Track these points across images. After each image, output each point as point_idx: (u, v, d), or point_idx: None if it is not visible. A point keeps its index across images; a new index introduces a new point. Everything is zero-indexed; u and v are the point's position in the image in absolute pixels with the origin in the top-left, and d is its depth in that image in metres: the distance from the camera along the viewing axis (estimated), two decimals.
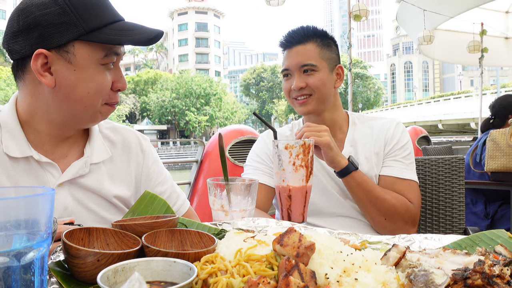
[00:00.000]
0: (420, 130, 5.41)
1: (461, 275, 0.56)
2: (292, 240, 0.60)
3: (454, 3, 7.36)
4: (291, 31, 1.52)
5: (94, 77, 0.99)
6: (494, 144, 2.70)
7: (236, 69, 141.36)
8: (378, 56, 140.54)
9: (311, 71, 1.45)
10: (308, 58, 1.45)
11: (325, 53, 1.48)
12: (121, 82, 1.05)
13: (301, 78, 1.46)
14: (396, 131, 1.50)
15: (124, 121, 43.64)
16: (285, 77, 1.53)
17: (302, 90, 1.46)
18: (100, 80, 1.00)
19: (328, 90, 1.48)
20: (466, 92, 37.14)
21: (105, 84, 1.01)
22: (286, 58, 1.50)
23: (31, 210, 0.50)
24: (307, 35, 1.48)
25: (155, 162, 1.25)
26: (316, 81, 1.45)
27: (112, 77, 1.03)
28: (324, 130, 1.28)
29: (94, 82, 0.99)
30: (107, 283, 0.54)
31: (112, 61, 1.02)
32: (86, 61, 0.97)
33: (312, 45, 1.47)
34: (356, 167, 1.31)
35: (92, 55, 0.98)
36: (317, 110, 1.49)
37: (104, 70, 1.01)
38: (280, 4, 5.82)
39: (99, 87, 1.00)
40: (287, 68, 1.50)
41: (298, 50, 1.47)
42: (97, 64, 0.99)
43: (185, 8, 73.96)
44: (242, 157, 2.97)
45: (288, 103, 29.31)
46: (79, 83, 0.98)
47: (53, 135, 1.06)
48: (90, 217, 1.09)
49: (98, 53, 0.98)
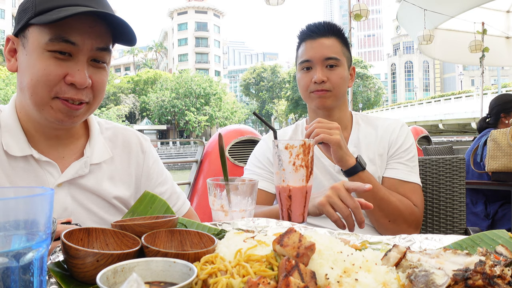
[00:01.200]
0: (421, 130, 5.40)
1: (462, 276, 0.56)
2: (292, 240, 0.60)
3: (454, 3, 7.36)
4: (314, 23, 1.49)
5: (37, 63, 0.94)
6: (495, 144, 2.70)
7: (236, 69, 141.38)
8: (378, 55, 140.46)
9: (334, 66, 1.43)
10: (332, 52, 1.43)
11: (345, 51, 1.48)
12: (76, 76, 0.95)
13: (324, 72, 1.43)
14: (401, 133, 1.49)
15: (124, 121, 43.63)
16: (303, 69, 1.48)
17: (322, 85, 1.43)
18: (42, 67, 0.94)
19: (345, 87, 1.48)
20: (467, 92, 37.13)
21: (47, 72, 0.94)
22: (308, 49, 1.46)
23: (30, 210, 0.50)
24: (332, 30, 1.46)
25: (155, 162, 1.25)
26: (338, 77, 1.43)
27: (65, 68, 0.95)
28: (335, 127, 1.27)
29: (36, 68, 0.94)
30: (106, 284, 0.54)
31: (60, 48, 0.94)
32: (33, 46, 0.95)
33: (335, 40, 1.46)
34: (363, 167, 1.30)
35: (38, 40, 0.95)
36: (332, 106, 1.48)
37: (50, 57, 0.94)
38: (279, 3, 5.82)
39: (40, 74, 0.94)
40: (308, 60, 1.45)
41: (322, 42, 1.44)
42: (42, 50, 0.94)
43: (185, 8, 73.94)
44: (242, 157, 2.96)
45: (288, 103, 29.35)
46: (26, 68, 0.96)
47: (46, 134, 1.06)
48: (89, 217, 1.08)
49: (43, 37, 0.94)
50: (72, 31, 0.94)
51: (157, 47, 73.28)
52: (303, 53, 1.48)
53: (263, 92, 64.75)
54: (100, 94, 1.03)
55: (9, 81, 34.18)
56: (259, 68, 65.97)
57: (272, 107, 63.97)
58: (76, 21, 0.94)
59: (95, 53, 0.99)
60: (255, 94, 66.30)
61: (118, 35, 1.03)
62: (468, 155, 3.07)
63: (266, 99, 64.91)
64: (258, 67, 66.92)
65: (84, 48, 0.96)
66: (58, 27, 0.93)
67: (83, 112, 1.02)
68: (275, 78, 63.55)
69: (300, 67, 1.50)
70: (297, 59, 1.54)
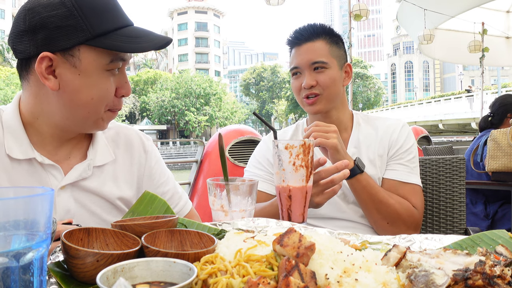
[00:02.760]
0: (421, 130, 5.40)
1: (462, 276, 0.56)
2: (292, 240, 0.60)
3: (454, 3, 7.36)
4: (299, 29, 1.49)
5: (98, 83, 0.97)
6: (495, 144, 2.70)
7: (236, 69, 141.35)
8: (378, 55, 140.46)
9: (322, 69, 1.43)
10: (318, 56, 1.43)
11: (334, 51, 1.47)
12: (125, 88, 1.03)
13: (312, 76, 1.43)
14: (402, 133, 1.47)
15: (124, 121, 43.63)
16: (294, 75, 1.50)
17: (312, 89, 1.43)
18: (105, 87, 0.98)
19: (338, 88, 1.46)
20: (467, 92, 37.12)
21: (109, 91, 0.99)
22: (295, 56, 1.47)
23: (30, 210, 0.50)
24: (316, 32, 1.46)
25: (157, 162, 1.24)
26: (327, 79, 1.43)
27: (117, 82, 1.01)
28: (332, 131, 1.26)
29: (98, 88, 0.97)
30: (106, 284, 0.54)
31: (118, 67, 1.00)
32: (91, 66, 0.95)
33: (321, 42, 1.45)
34: (361, 170, 1.29)
35: (97, 61, 0.96)
36: (325, 109, 1.47)
37: (109, 76, 0.99)
38: (279, 3, 5.83)
39: (103, 93, 0.98)
40: (296, 66, 1.46)
41: (308, 48, 1.45)
42: (102, 70, 0.97)
43: (184, 8, 73.94)
44: (242, 157, 2.96)
45: (288, 103, 29.45)
46: (83, 88, 0.96)
47: (56, 137, 1.05)
48: (92, 219, 1.08)
49: (104, 59, 0.96)
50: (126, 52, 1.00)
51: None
52: (292, 60, 1.49)
53: (263, 92, 64.73)
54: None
55: (9, 81, 34.17)
56: (259, 68, 65.95)
57: (272, 107, 63.94)
58: None
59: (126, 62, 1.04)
60: (255, 94, 66.29)
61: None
62: (468, 155, 3.07)
63: (266, 99, 64.90)
64: (258, 67, 66.90)
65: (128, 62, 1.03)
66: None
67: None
68: (275, 78, 63.53)
69: (291, 73, 1.52)
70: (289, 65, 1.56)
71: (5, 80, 34.34)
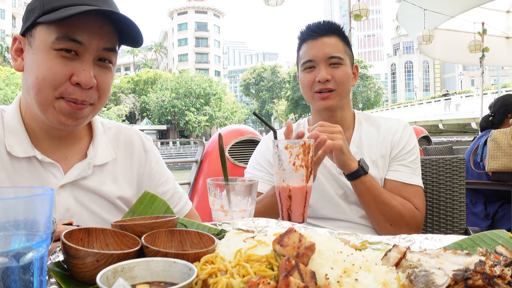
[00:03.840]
0: (421, 130, 5.40)
1: (462, 276, 0.56)
2: (292, 240, 0.60)
3: (454, 3, 7.36)
4: (314, 23, 1.48)
5: (43, 62, 0.94)
6: (495, 144, 2.70)
7: (236, 69, 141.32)
8: (378, 55, 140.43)
9: (338, 64, 1.43)
10: (336, 50, 1.43)
11: (347, 50, 1.48)
12: (81, 76, 0.94)
13: (328, 70, 1.42)
14: (404, 134, 1.47)
15: (124, 121, 43.64)
16: (306, 69, 1.47)
17: (326, 83, 1.42)
18: (48, 66, 0.93)
19: (349, 86, 1.46)
20: (467, 92, 37.10)
21: (53, 71, 0.93)
22: (310, 49, 1.45)
23: (30, 210, 0.50)
24: (333, 29, 1.46)
25: (158, 162, 1.24)
26: (342, 74, 1.42)
27: (71, 68, 0.95)
28: (338, 132, 1.25)
29: (42, 66, 0.94)
30: (106, 284, 0.53)
31: (66, 47, 0.94)
32: (40, 44, 0.95)
33: (337, 38, 1.46)
34: (366, 172, 1.29)
35: (45, 38, 0.94)
36: (337, 106, 1.46)
37: (57, 56, 0.94)
38: (278, 4, 5.83)
39: (46, 73, 0.93)
40: (311, 59, 1.44)
41: (324, 42, 1.44)
42: (49, 49, 0.94)
43: (184, 8, 73.92)
44: (242, 157, 2.96)
45: (288, 103, 29.32)
46: (32, 67, 0.96)
47: (50, 135, 1.05)
48: (92, 218, 1.08)
49: (50, 36, 0.94)
50: (79, 30, 0.94)
51: (157, 47, 73.24)
52: (305, 54, 1.47)
53: (263, 92, 64.72)
54: (105, 95, 1.02)
55: (9, 81, 34.17)
56: (259, 68, 65.94)
57: (272, 107, 63.93)
58: (83, 20, 0.94)
59: (102, 53, 0.98)
60: (255, 94, 66.28)
61: (124, 36, 1.03)
62: (468, 155, 3.07)
63: (266, 99, 64.90)
64: (258, 67, 66.90)
65: (90, 48, 0.96)
66: (66, 26, 0.93)
67: (87, 114, 1.01)
68: (275, 78, 63.52)
69: (303, 67, 1.48)
70: (298, 60, 1.52)
71: (5, 80, 34.33)
